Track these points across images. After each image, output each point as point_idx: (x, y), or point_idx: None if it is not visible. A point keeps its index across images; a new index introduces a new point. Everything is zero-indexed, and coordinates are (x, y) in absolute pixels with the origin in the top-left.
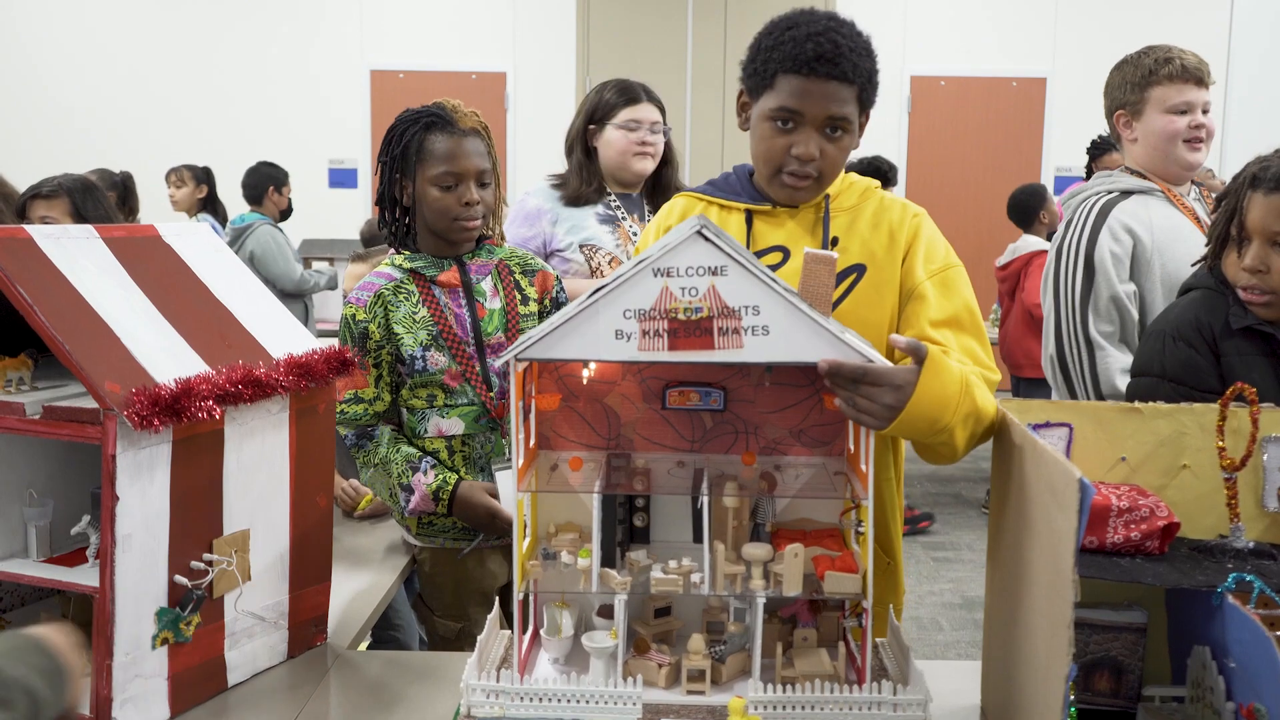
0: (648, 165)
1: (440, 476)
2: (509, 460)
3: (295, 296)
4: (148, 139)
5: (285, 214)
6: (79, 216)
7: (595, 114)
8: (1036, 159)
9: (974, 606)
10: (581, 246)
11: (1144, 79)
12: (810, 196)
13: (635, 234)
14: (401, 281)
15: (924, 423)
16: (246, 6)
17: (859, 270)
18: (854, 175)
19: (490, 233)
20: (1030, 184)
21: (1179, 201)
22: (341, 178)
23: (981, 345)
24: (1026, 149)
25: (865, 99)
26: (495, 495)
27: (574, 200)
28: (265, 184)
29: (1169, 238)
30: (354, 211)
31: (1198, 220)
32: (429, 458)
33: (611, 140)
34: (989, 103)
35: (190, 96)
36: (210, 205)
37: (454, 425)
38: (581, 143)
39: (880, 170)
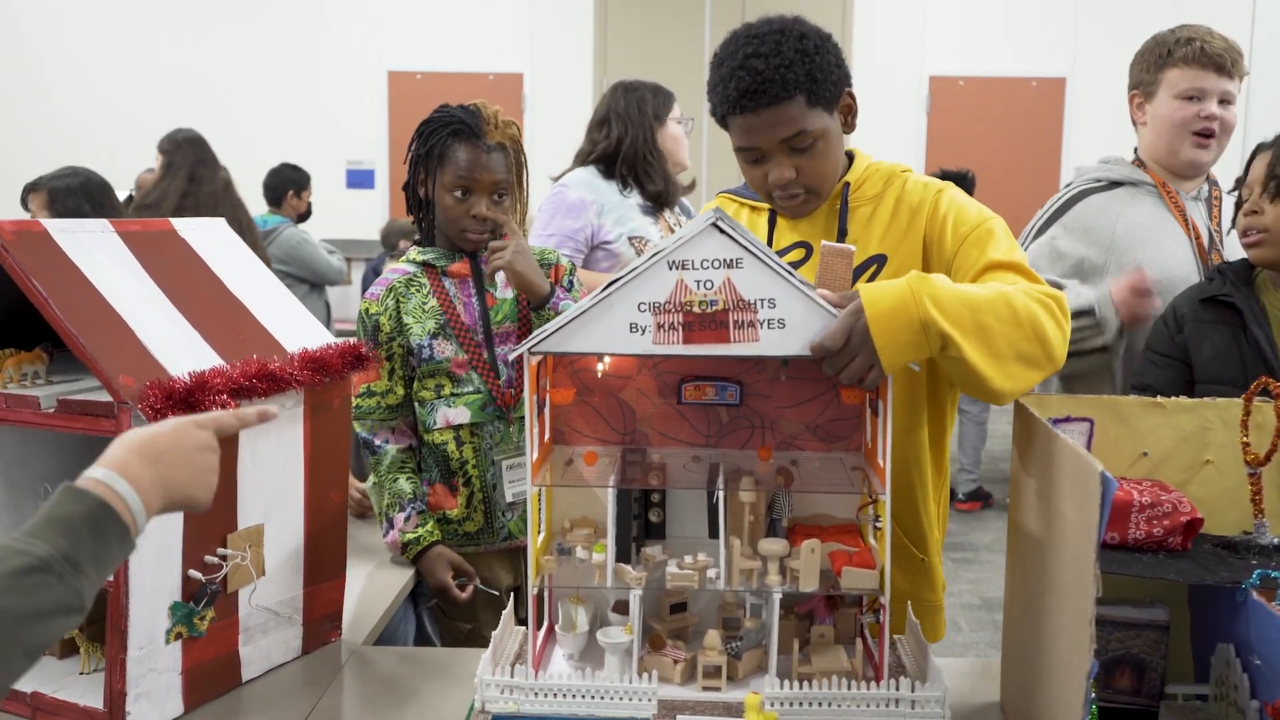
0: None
1: (417, 533)
2: (515, 450)
3: (318, 290)
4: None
5: (303, 217)
6: (54, 212)
7: (658, 114)
8: (1056, 159)
9: (992, 607)
10: (630, 239)
11: (1160, 58)
12: (813, 207)
13: (673, 225)
14: (415, 275)
15: (902, 331)
16: (263, 8)
17: (879, 261)
18: (881, 162)
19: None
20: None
21: (1171, 200)
22: (359, 179)
23: (1025, 276)
24: (1046, 149)
25: (820, 98)
26: (461, 570)
27: (660, 201)
28: (285, 186)
29: (1137, 237)
30: (371, 212)
31: (1186, 224)
32: (419, 502)
33: (675, 134)
34: (1008, 103)
35: (207, 97)
36: None
37: (460, 414)
38: (651, 145)
39: (964, 178)
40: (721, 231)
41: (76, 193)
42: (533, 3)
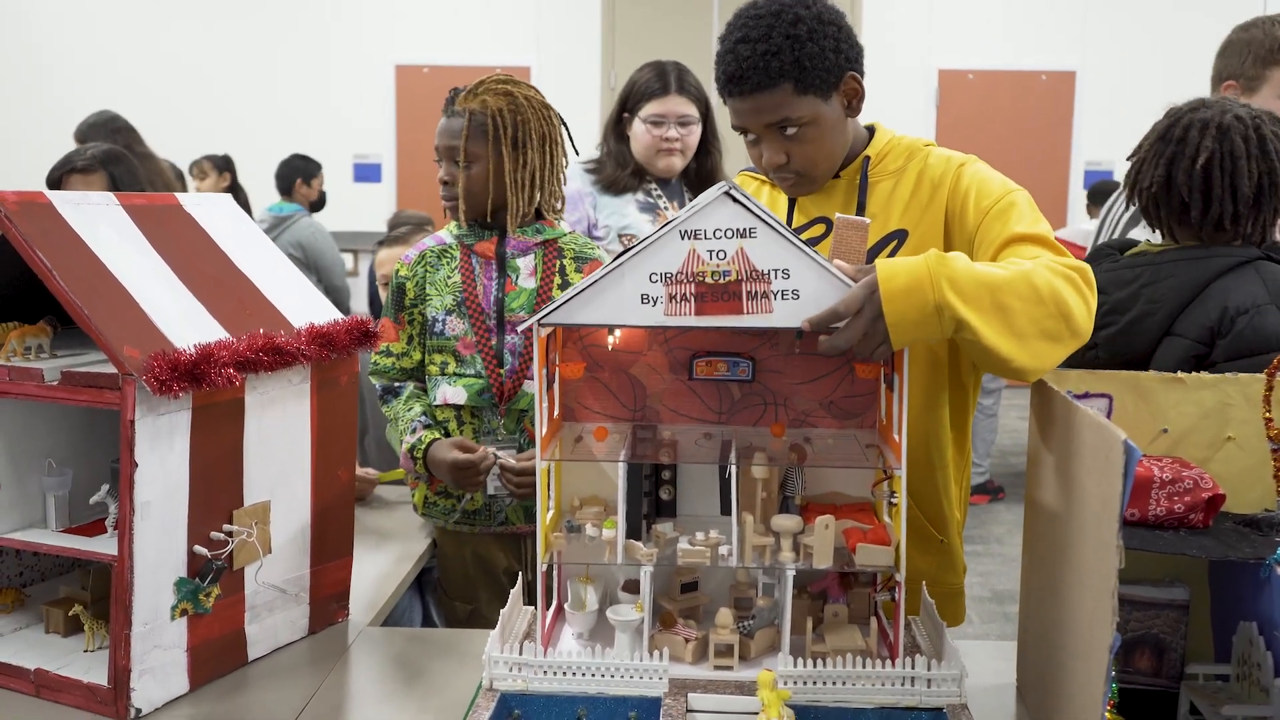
0: (674, 163)
1: (419, 436)
2: (502, 441)
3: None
4: (173, 134)
5: (316, 205)
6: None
7: (628, 102)
8: (1066, 153)
9: (1004, 600)
10: (620, 235)
11: (1270, 53)
12: (805, 190)
13: None
14: (449, 246)
15: (914, 312)
16: (271, 2)
17: (900, 236)
18: (904, 136)
19: (547, 212)
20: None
21: None
22: (366, 173)
23: (1049, 249)
24: (1056, 143)
25: (810, 85)
26: (468, 448)
27: (610, 186)
28: (293, 175)
29: None
30: (379, 206)
31: None
32: (425, 417)
33: (638, 135)
34: (1018, 96)
35: (215, 91)
36: (233, 194)
37: (457, 394)
38: (615, 129)
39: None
40: (734, 200)
41: (126, 161)
42: None
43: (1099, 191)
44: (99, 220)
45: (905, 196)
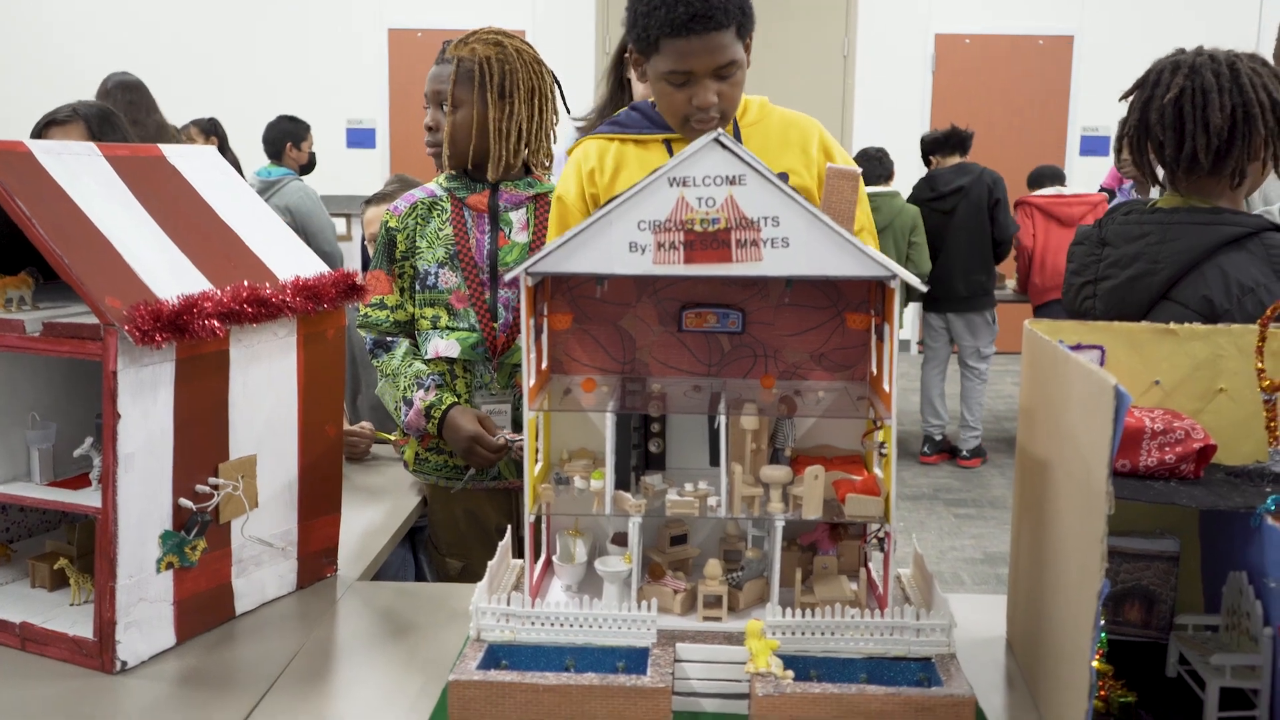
0: None
1: (438, 395)
2: (496, 396)
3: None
4: (163, 99)
5: (306, 168)
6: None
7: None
8: (1063, 118)
9: (996, 562)
10: None
11: None
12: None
13: None
14: (440, 199)
15: None
16: None
17: (782, 179)
18: (746, 96)
19: (536, 164)
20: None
21: None
22: (359, 138)
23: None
24: (1053, 108)
25: (744, 30)
26: (488, 425)
27: None
28: (283, 139)
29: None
30: (372, 171)
31: None
32: (437, 376)
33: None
34: (1015, 61)
35: (207, 55)
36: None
37: (450, 347)
38: (616, 73)
39: (960, 139)
40: (723, 147)
41: (113, 117)
42: None
43: (1039, 175)
44: (81, 171)
45: (775, 146)
